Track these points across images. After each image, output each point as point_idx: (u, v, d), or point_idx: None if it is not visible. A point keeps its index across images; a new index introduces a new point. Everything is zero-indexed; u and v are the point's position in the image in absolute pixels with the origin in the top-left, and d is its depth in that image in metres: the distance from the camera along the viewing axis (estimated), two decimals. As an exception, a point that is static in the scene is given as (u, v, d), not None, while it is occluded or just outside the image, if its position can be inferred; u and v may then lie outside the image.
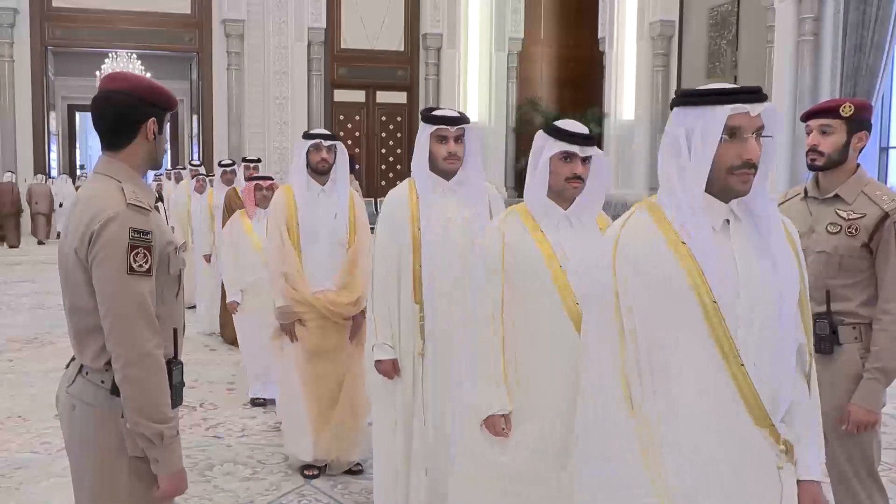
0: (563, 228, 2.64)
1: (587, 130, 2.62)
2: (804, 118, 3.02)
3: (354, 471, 4.33)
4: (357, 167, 15.14)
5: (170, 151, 22.05)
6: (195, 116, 19.95)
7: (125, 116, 2.11)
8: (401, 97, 19.48)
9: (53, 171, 19.28)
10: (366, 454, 4.20)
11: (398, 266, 3.37)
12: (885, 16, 10.94)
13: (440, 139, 3.29)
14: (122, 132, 2.12)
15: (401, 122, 19.46)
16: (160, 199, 2.28)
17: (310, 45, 18.45)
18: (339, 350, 4.22)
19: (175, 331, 2.15)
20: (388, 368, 3.37)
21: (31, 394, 5.84)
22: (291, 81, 18.37)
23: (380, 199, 3.80)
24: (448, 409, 3.33)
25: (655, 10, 16.54)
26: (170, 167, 14.27)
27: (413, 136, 3.45)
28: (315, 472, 4.29)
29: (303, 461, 4.30)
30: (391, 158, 19.53)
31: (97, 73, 19.66)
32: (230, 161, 8.74)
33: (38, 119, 18.04)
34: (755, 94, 1.79)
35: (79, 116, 26.80)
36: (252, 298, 5.49)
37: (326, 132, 4.35)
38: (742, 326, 1.78)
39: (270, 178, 5.83)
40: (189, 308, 7.46)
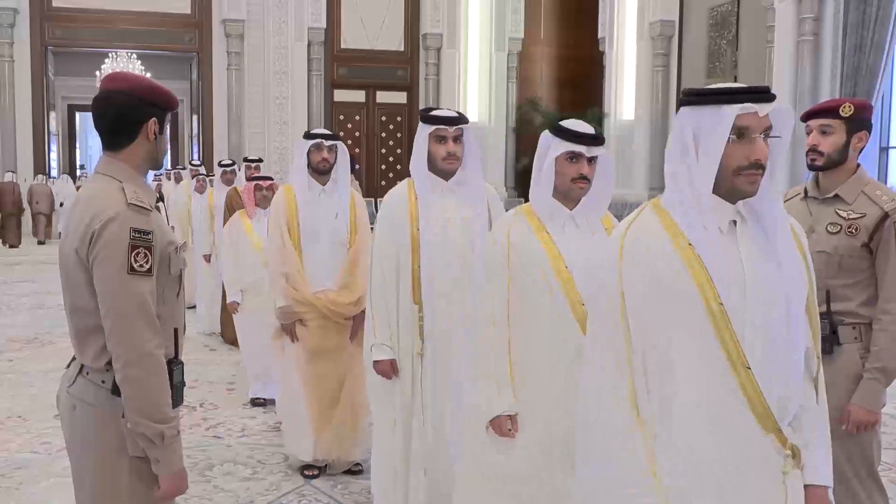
0: (569, 229, 2.63)
1: (593, 130, 2.60)
2: (804, 118, 3.02)
3: (354, 471, 4.33)
4: (357, 167, 15.14)
5: (170, 151, 21.95)
6: (195, 116, 19.96)
7: (126, 116, 2.11)
8: (401, 97, 19.49)
9: (53, 171, 19.29)
10: (366, 454, 4.20)
11: (397, 266, 3.36)
12: (885, 16, 10.95)
13: (439, 139, 3.29)
14: (123, 132, 2.12)
15: (401, 122, 19.47)
16: (161, 199, 2.28)
17: (310, 45, 18.45)
18: (340, 350, 4.21)
19: (176, 331, 2.16)
20: (387, 369, 3.36)
21: (31, 394, 5.84)
22: (291, 81, 18.37)
23: (380, 199, 3.79)
24: (447, 409, 3.33)
25: (655, 10, 16.56)
26: (170, 167, 14.26)
27: (413, 136, 3.44)
28: (315, 472, 4.29)
29: (303, 461, 4.30)
30: (391, 158, 19.53)
31: (97, 73, 19.68)
32: (230, 161, 8.74)
33: (38, 119, 18.05)
34: (764, 94, 1.77)
35: (79, 116, 26.81)
36: (252, 298, 5.49)
37: (327, 132, 4.35)
38: (749, 329, 1.76)
39: (270, 179, 5.84)
40: (189, 308, 7.45)
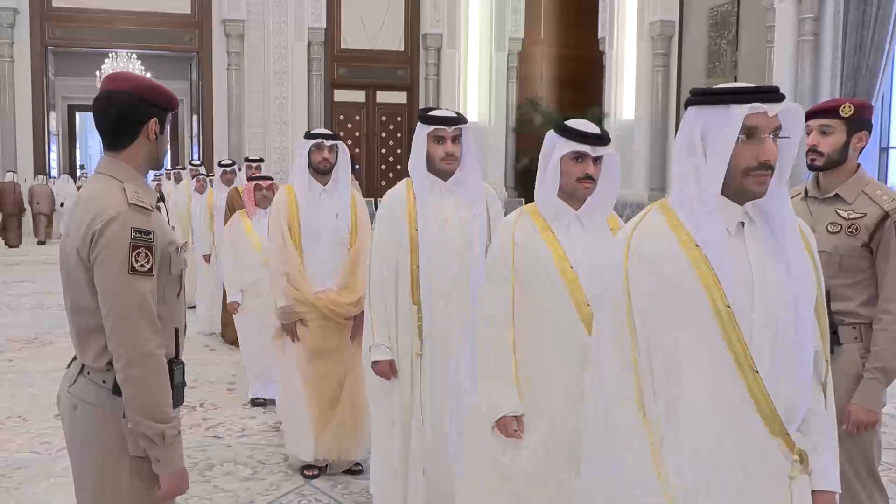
0: (574, 229, 2.62)
1: (599, 130, 2.59)
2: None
3: (354, 471, 4.33)
4: (357, 167, 15.15)
5: (170, 151, 21.99)
6: (195, 116, 19.95)
7: (127, 116, 2.11)
8: (401, 97, 19.48)
9: (53, 171, 19.28)
10: (366, 454, 4.20)
11: (396, 266, 3.36)
12: (885, 16, 10.95)
13: (437, 139, 3.29)
14: (124, 132, 2.12)
15: (401, 122, 19.47)
16: (162, 199, 2.28)
17: (310, 45, 18.45)
18: (341, 350, 4.21)
19: (176, 331, 2.16)
20: (385, 369, 3.36)
21: (31, 394, 5.84)
22: (291, 81, 18.37)
23: (380, 199, 3.79)
24: (446, 410, 3.34)
25: (655, 10, 16.57)
26: (170, 167, 14.27)
27: (413, 137, 3.44)
28: (315, 472, 4.29)
29: (304, 461, 4.30)
30: (391, 158, 19.53)
31: (97, 73, 19.69)
32: (230, 161, 8.74)
33: (38, 119, 18.04)
34: (773, 94, 1.75)
35: (79, 116, 26.80)
36: (252, 298, 5.49)
37: (328, 132, 4.35)
38: (757, 332, 1.74)
39: (270, 179, 5.84)
40: (189, 308, 7.45)
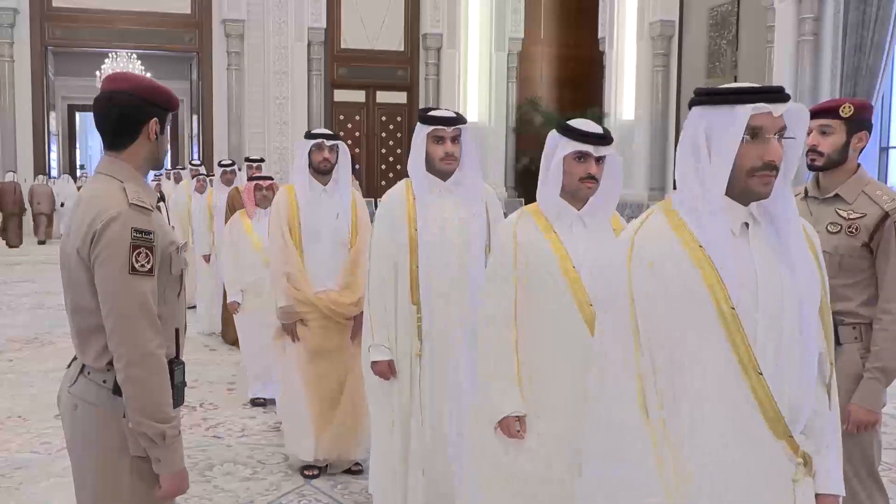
0: (577, 229, 2.61)
1: (601, 130, 2.58)
2: (804, 118, 3.02)
3: (354, 470, 4.33)
4: (357, 167, 15.14)
5: (170, 151, 21.96)
6: (195, 116, 19.95)
7: (127, 116, 2.11)
8: (401, 97, 19.48)
9: (53, 171, 19.28)
10: (366, 454, 4.20)
11: (395, 267, 3.36)
12: (885, 16, 10.95)
13: (437, 140, 3.29)
14: (125, 132, 2.12)
15: (401, 122, 19.46)
16: (162, 199, 2.28)
17: (310, 45, 18.45)
18: (341, 350, 4.21)
19: (177, 331, 2.16)
20: (384, 370, 3.36)
21: (31, 394, 5.84)
22: (291, 81, 18.36)
23: (380, 199, 3.80)
24: (445, 410, 3.34)
25: (655, 10, 16.57)
26: (169, 167, 14.27)
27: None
28: (315, 472, 4.29)
29: (304, 461, 4.30)
30: (391, 158, 19.53)
31: (97, 73, 19.69)
32: (230, 161, 8.75)
33: (38, 119, 18.04)
34: (778, 94, 1.74)
35: (79, 116, 26.80)
36: (252, 298, 5.49)
37: (329, 132, 4.35)
38: (761, 332, 1.73)
39: (270, 178, 5.85)
40: (189, 308, 7.45)
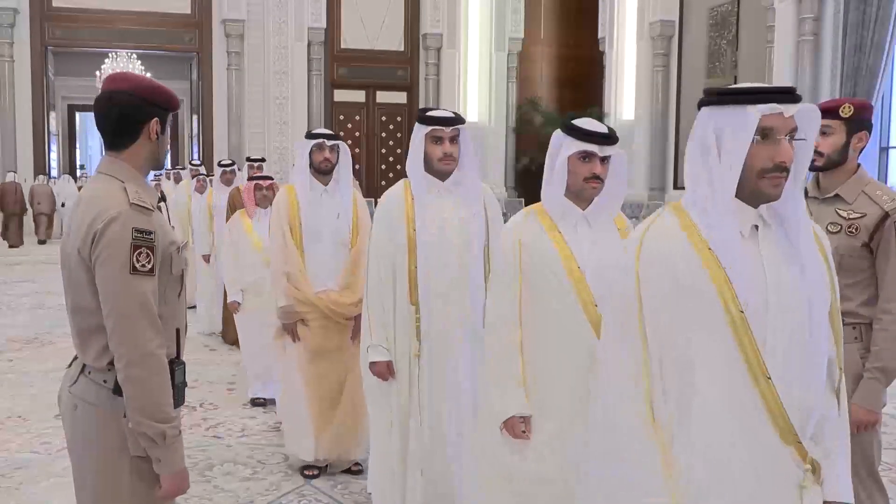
0: (581, 228, 2.60)
1: (606, 129, 2.57)
2: (804, 118, 3.02)
3: (354, 470, 4.33)
4: (357, 167, 15.16)
5: (170, 151, 21.98)
6: (195, 116, 19.96)
7: (128, 117, 2.11)
8: (401, 97, 19.49)
9: (53, 172, 19.30)
10: (366, 454, 4.20)
11: (393, 267, 3.36)
12: (885, 16, 10.96)
13: (435, 140, 3.29)
14: (125, 132, 2.12)
15: (401, 122, 19.47)
16: (163, 199, 2.28)
17: (310, 45, 18.46)
18: (342, 350, 4.21)
19: (177, 331, 2.16)
20: (383, 370, 3.36)
21: (31, 394, 5.84)
22: (291, 81, 18.38)
23: (379, 200, 3.82)
24: (444, 410, 3.34)
25: (655, 10, 16.58)
26: (169, 167, 14.27)
27: (414, 137, 3.45)
28: (315, 472, 4.29)
29: (304, 461, 4.30)
30: (391, 158, 19.54)
31: (97, 73, 19.69)
32: (230, 161, 8.76)
33: (38, 119, 18.06)
34: (789, 95, 1.72)
35: (79, 116, 26.81)
36: (253, 298, 5.49)
37: (329, 132, 4.35)
38: (770, 334, 1.71)
39: (270, 178, 5.85)
40: (189, 308, 7.46)
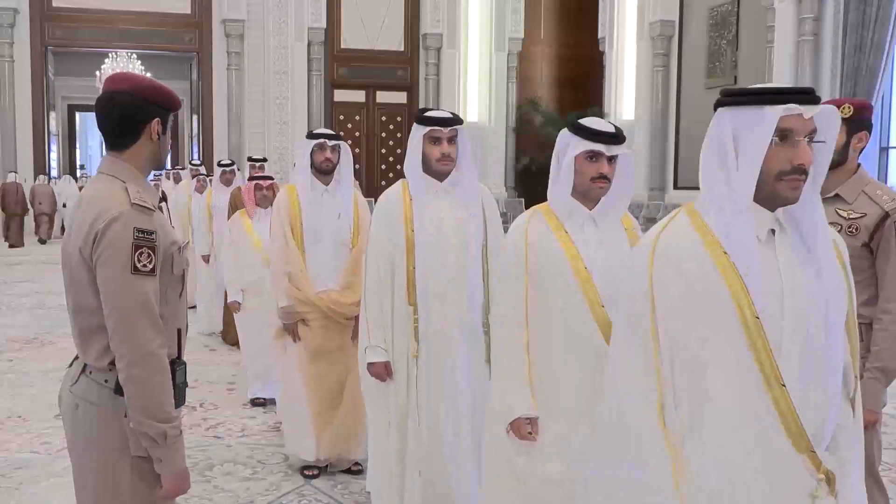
0: (588, 228, 2.60)
1: (613, 128, 2.55)
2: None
3: (354, 470, 4.33)
4: (357, 167, 15.13)
5: (170, 151, 22.02)
6: (195, 116, 19.96)
7: (129, 117, 2.12)
8: (401, 97, 19.49)
9: (53, 172, 19.30)
10: (366, 454, 4.20)
11: (392, 267, 3.36)
12: (885, 16, 10.97)
13: (433, 140, 3.30)
14: (126, 132, 2.13)
15: (401, 122, 19.47)
16: (164, 199, 2.28)
17: (310, 45, 18.46)
18: (342, 350, 4.21)
19: (179, 331, 2.16)
20: (381, 371, 3.36)
21: (31, 394, 5.83)
22: (291, 81, 18.38)
23: (378, 200, 3.82)
24: (442, 410, 3.34)
25: (655, 10, 16.59)
26: (169, 167, 14.28)
27: (414, 137, 3.45)
28: (315, 472, 4.29)
29: (304, 461, 4.30)
30: (391, 158, 19.54)
31: (97, 73, 19.70)
32: (229, 161, 8.76)
33: (38, 119, 18.06)
34: (809, 96, 1.67)
35: (79, 116, 26.81)
36: (253, 298, 5.49)
37: (330, 132, 4.34)
38: (786, 338, 1.68)
39: (271, 178, 5.85)
40: (189, 308, 7.46)
